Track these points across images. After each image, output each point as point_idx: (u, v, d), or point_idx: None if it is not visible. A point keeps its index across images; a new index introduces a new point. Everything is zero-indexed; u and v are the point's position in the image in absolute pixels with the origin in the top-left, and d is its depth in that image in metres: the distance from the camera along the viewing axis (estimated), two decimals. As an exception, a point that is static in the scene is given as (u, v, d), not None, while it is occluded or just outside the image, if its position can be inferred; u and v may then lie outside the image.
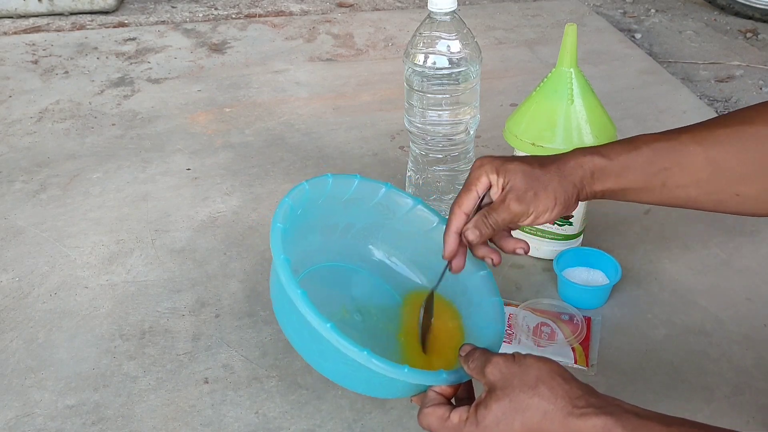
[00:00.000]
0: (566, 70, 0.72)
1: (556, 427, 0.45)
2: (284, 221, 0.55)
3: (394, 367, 0.49)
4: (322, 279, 0.62)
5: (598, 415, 0.43)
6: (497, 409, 0.46)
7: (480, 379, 0.49)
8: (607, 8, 1.64)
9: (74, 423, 0.62)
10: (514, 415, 0.46)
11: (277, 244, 0.52)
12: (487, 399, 0.47)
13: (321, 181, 0.60)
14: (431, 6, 0.72)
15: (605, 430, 0.43)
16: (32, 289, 0.77)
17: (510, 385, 0.46)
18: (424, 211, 0.64)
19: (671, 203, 0.57)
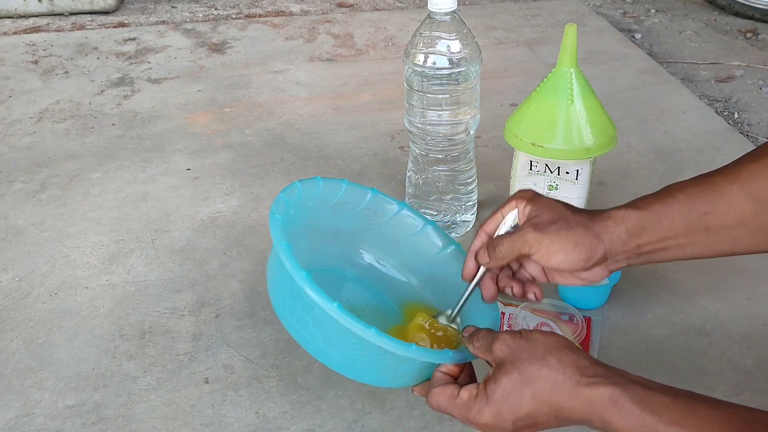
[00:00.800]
0: (566, 70, 0.72)
1: (565, 396, 0.45)
2: (282, 214, 0.55)
3: (402, 345, 0.49)
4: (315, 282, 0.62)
5: (606, 385, 0.44)
6: (507, 382, 0.46)
7: (486, 356, 0.50)
8: (607, 8, 1.64)
9: (74, 423, 0.62)
10: (524, 387, 0.46)
11: (277, 232, 0.52)
12: (496, 374, 0.47)
13: (312, 183, 0.60)
14: (431, 6, 0.72)
15: (612, 399, 0.43)
16: (32, 289, 0.78)
17: (519, 359, 0.47)
18: (409, 215, 0.65)
19: (717, 251, 0.53)
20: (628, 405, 0.43)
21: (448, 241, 0.65)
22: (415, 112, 0.78)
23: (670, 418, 0.42)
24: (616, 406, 0.43)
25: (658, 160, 0.98)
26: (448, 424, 0.61)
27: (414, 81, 0.76)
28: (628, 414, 0.43)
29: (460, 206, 0.83)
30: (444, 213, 0.83)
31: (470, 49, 0.75)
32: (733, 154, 0.99)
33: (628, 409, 0.43)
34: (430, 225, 0.65)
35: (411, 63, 0.76)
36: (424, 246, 0.65)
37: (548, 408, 0.46)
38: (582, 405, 0.44)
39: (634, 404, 0.42)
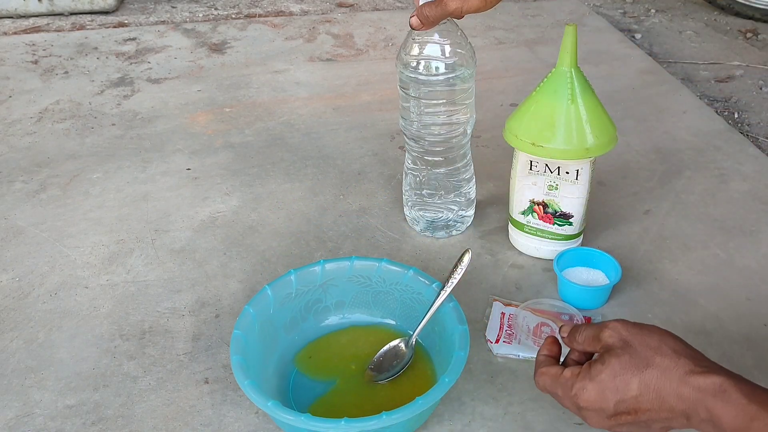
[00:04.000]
0: (566, 70, 0.71)
1: (675, 384, 0.45)
2: (242, 350, 0.59)
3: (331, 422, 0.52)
4: (321, 349, 0.67)
5: (719, 374, 0.44)
6: (616, 364, 0.46)
7: (594, 347, 0.50)
8: (607, 8, 1.64)
9: (74, 423, 0.62)
10: (633, 370, 0.46)
11: (239, 372, 0.56)
12: (604, 356, 0.47)
13: (285, 281, 0.66)
14: None
15: (722, 387, 0.43)
16: (32, 289, 0.77)
17: (631, 345, 0.47)
18: (391, 266, 0.67)
19: None
20: (735, 394, 0.43)
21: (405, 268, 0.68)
22: (410, 116, 0.77)
23: None
24: (724, 394, 0.43)
25: (658, 160, 0.98)
26: (447, 423, 0.61)
27: (409, 86, 0.74)
28: (735, 403, 0.42)
29: (461, 203, 0.83)
30: (445, 211, 0.83)
31: (465, 50, 0.73)
32: (733, 154, 0.99)
33: (735, 398, 0.42)
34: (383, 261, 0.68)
35: (404, 68, 0.74)
36: (413, 289, 0.68)
37: (654, 394, 0.45)
38: (690, 392, 0.44)
39: (742, 394, 0.42)
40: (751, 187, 0.92)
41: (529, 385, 0.65)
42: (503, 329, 0.69)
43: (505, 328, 0.69)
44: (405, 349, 0.65)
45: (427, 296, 0.64)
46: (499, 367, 0.66)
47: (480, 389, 0.64)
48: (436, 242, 0.83)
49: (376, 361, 0.64)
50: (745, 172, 0.95)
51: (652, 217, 0.87)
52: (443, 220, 0.83)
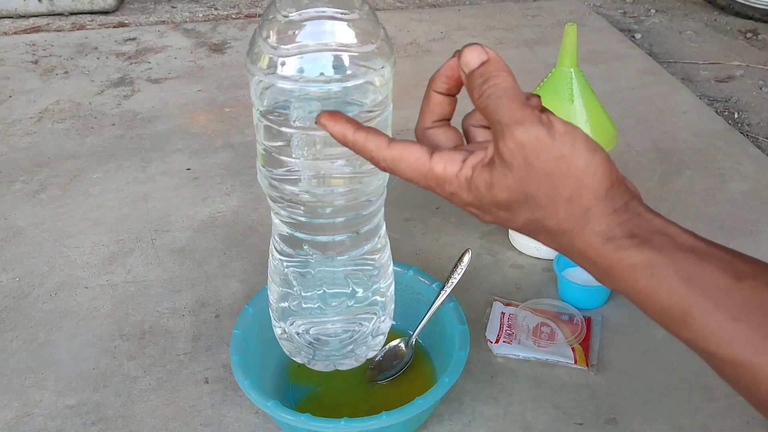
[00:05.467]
0: (566, 70, 0.72)
1: (585, 250, 0.34)
2: (242, 350, 0.58)
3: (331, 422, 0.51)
4: None
5: (642, 250, 0.33)
6: (513, 204, 0.35)
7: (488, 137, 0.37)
8: (607, 8, 1.64)
9: (74, 423, 0.62)
10: (532, 220, 0.35)
11: (238, 373, 0.56)
12: (497, 174, 0.34)
13: None
14: None
15: (649, 268, 0.33)
16: (32, 289, 0.77)
17: (532, 181, 0.34)
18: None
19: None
20: (668, 273, 0.33)
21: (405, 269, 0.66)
22: (285, 163, 0.43)
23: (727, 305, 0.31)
24: (652, 276, 0.33)
25: (658, 160, 0.98)
26: (447, 423, 0.61)
27: (265, 105, 0.42)
28: (668, 286, 0.33)
29: (375, 313, 0.52)
30: (349, 332, 0.52)
31: (376, 37, 0.41)
32: (733, 154, 0.99)
33: (668, 280, 0.33)
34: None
35: (263, 71, 0.40)
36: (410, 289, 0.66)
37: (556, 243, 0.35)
38: (603, 262, 0.34)
39: (677, 275, 0.32)
40: (751, 187, 0.92)
41: (529, 385, 0.65)
42: (503, 329, 0.69)
43: (505, 328, 0.69)
44: (405, 349, 0.65)
45: (427, 296, 0.64)
46: (499, 367, 0.66)
47: (480, 389, 0.64)
48: (436, 242, 0.83)
49: (376, 361, 0.64)
50: (745, 172, 0.95)
51: (652, 217, 0.87)
52: (346, 341, 0.52)
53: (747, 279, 0.32)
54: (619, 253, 0.34)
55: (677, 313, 0.33)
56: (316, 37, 0.39)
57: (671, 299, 0.33)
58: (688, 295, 0.32)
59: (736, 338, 0.31)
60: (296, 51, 0.39)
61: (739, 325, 0.31)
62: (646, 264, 0.33)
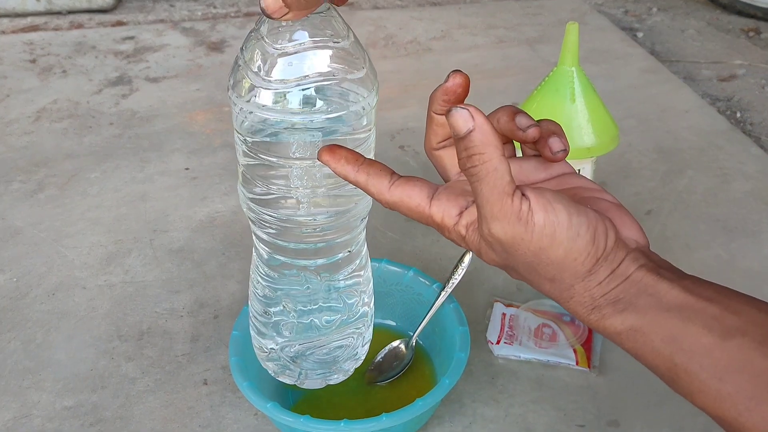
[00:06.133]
0: (568, 69, 0.71)
1: (570, 312, 0.36)
2: (241, 351, 0.58)
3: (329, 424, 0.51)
4: None
5: (625, 317, 0.34)
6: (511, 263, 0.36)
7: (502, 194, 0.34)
8: (608, 7, 1.64)
9: (72, 424, 0.61)
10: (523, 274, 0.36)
11: (237, 374, 0.55)
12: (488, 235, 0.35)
13: None
14: None
15: (633, 333, 0.34)
16: (30, 290, 0.77)
17: (512, 258, 0.35)
18: (391, 266, 0.66)
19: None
20: (653, 338, 0.33)
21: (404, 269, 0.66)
22: (262, 190, 0.44)
23: None
24: (636, 341, 0.34)
25: (660, 160, 0.98)
26: (448, 425, 0.61)
27: (249, 134, 0.42)
28: (651, 349, 0.33)
29: (364, 324, 0.53)
30: (342, 347, 0.52)
31: (359, 64, 0.41)
32: (736, 153, 0.99)
33: (652, 344, 0.33)
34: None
35: (248, 101, 0.40)
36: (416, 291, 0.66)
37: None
38: (591, 327, 0.36)
39: (660, 339, 0.33)
40: (753, 187, 0.92)
41: (530, 387, 0.64)
42: (504, 330, 0.69)
43: (506, 329, 0.69)
44: (405, 350, 0.64)
45: (428, 297, 0.64)
46: (500, 368, 0.66)
47: (481, 391, 0.64)
48: (437, 243, 0.83)
49: (376, 363, 0.64)
50: (747, 172, 0.95)
51: (654, 217, 0.86)
52: (340, 357, 0.53)
53: (734, 336, 0.32)
54: (603, 321, 0.35)
55: (665, 372, 0.34)
56: (300, 66, 0.39)
57: (656, 360, 0.34)
58: (672, 357, 0.33)
59: (720, 398, 0.32)
60: (279, 80, 0.39)
61: (723, 386, 0.31)
62: (630, 330, 0.34)
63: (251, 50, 0.40)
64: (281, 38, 0.39)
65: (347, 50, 0.40)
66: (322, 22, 0.39)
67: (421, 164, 0.97)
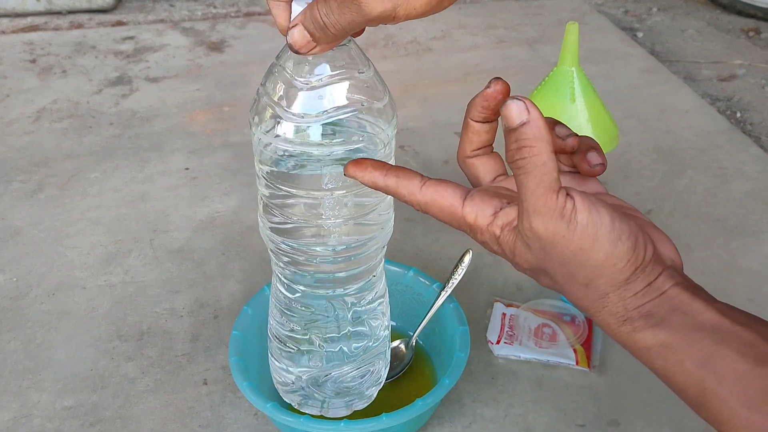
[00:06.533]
0: (568, 69, 0.71)
1: (597, 323, 0.35)
2: (241, 351, 0.58)
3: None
4: None
5: (656, 332, 0.33)
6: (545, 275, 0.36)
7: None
8: (608, 7, 1.64)
9: (72, 424, 0.61)
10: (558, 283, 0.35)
11: (237, 374, 0.55)
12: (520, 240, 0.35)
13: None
14: (292, 16, 0.38)
15: (663, 350, 0.33)
16: (30, 290, 0.77)
17: (549, 263, 0.35)
18: (391, 266, 0.65)
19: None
20: (683, 354, 0.33)
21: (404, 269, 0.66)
22: (285, 218, 0.43)
23: None
24: (666, 359, 0.33)
25: (660, 160, 0.98)
26: (448, 425, 0.60)
27: (273, 166, 0.42)
28: (682, 366, 0.33)
29: (377, 364, 0.53)
30: (365, 374, 0.52)
31: (378, 99, 0.41)
32: (736, 153, 0.99)
33: (683, 360, 0.33)
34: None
35: (269, 132, 0.41)
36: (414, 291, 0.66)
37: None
38: (619, 341, 0.35)
39: (691, 358, 0.32)
40: (753, 187, 0.92)
41: (530, 387, 0.64)
42: (504, 330, 0.69)
43: (507, 329, 0.69)
44: (405, 350, 0.64)
45: (428, 297, 0.64)
46: (500, 368, 0.66)
47: (481, 391, 0.64)
48: (437, 242, 0.83)
49: None
50: (747, 172, 0.95)
51: (654, 217, 0.86)
52: (357, 383, 0.52)
53: (767, 364, 0.31)
54: (634, 335, 0.34)
55: (693, 396, 0.33)
56: (321, 99, 0.39)
57: (686, 382, 0.33)
58: (702, 380, 0.32)
59: (750, 426, 0.31)
60: (300, 113, 0.39)
61: (753, 414, 0.31)
62: (660, 346, 0.33)
63: (273, 82, 0.40)
64: (303, 71, 0.39)
65: (367, 82, 0.40)
66: (342, 55, 0.39)
67: (421, 164, 0.97)
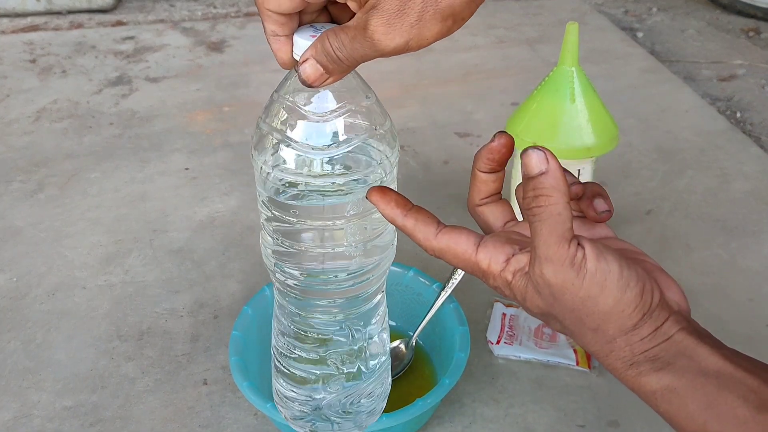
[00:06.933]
0: (568, 69, 0.71)
1: (611, 367, 0.36)
2: (241, 351, 0.58)
3: None
4: None
5: (661, 376, 0.34)
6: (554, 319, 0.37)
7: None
8: (608, 7, 1.64)
9: (72, 424, 0.61)
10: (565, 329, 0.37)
11: (237, 374, 0.55)
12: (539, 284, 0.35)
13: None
14: (297, 50, 0.38)
15: (668, 394, 0.34)
16: (30, 290, 0.77)
17: (555, 310, 0.36)
18: (391, 266, 0.65)
19: None
20: (687, 397, 0.34)
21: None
22: (289, 251, 0.43)
23: None
24: (670, 402, 0.34)
25: (660, 160, 0.98)
26: (448, 425, 0.61)
27: (273, 195, 0.41)
28: (685, 410, 0.34)
29: (379, 386, 0.51)
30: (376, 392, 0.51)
31: (378, 125, 0.41)
32: (736, 153, 0.99)
33: (687, 403, 0.34)
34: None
35: (270, 161, 0.40)
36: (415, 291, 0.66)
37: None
38: (626, 384, 0.36)
39: (695, 401, 0.33)
40: (753, 187, 0.92)
41: (530, 387, 0.64)
42: (504, 330, 0.69)
43: (506, 329, 0.69)
44: (405, 350, 0.64)
45: (428, 297, 0.63)
46: (500, 368, 0.66)
47: (481, 391, 0.64)
48: (437, 242, 0.83)
49: None
50: (747, 172, 0.95)
51: (654, 217, 0.86)
52: (355, 407, 0.50)
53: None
54: (639, 378, 0.35)
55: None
56: (324, 128, 0.39)
57: (689, 426, 0.34)
58: (705, 424, 0.33)
59: None
60: (303, 143, 0.39)
61: None
62: (665, 390, 0.34)
63: (275, 111, 0.40)
64: (305, 100, 0.39)
65: (370, 109, 0.40)
66: (344, 83, 0.39)
67: (421, 164, 0.97)
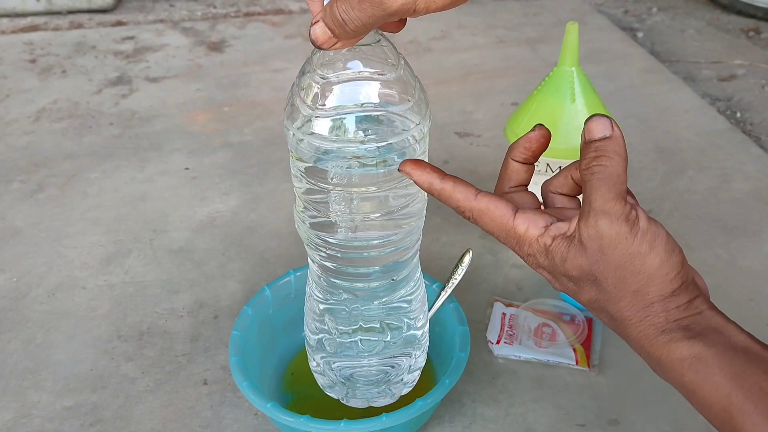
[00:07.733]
0: (568, 69, 0.71)
1: (634, 336, 0.37)
2: (241, 351, 0.58)
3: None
4: None
5: (692, 344, 0.34)
6: (584, 291, 0.37)
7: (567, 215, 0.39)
8: (608, 7, 1.64)
9: (72, 424, 0.61)
10: (594, 305, 0.37)
11: (237, 374, 0.55)
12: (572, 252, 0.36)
13: (284, 282, 0.64)
14: None
15: (696, 362, 0.34)
16: (30, 290, 0.77)
17: (600, 272, 0.36)
18: None
19: None
20: (714, 368, 0.34)
21: None
22: (332, 214, 0.44)
23: None
24: (698, 371, 0.34)
25: (660, 160, 0.98)
26: (448, 425, 0.60)
27: (310, 162, 0.42)
28: (711, 380, 0.34)
29: (410, 353, 0.53)
30: (385, 372, 0.53)
31: (410, 90, 0.41)
32: (736, 153, 0.99)
33: (713, 373, 0.34)
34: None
35: (302, 130, 0.41)
36: None
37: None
38: (655, 352, 0.36)
39: (721, 370, 0.34)
40: (753, 187, 0.92)
41: (530, 387, 0.64)
42: (504, 330, 0.69)
43: (506, 329, 0.69)
44: None
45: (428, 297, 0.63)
46: (500, 368, 0.66)
47: (481, 391, 0.64)
48: (437, 242, 0.83)
49: None
50: (747, 172, 0.95)
51: (654, 216, 0.86)
52: (382, 380, 0.53)
53: None
54: (670, 345, 0.35)
55: (719, 411, 0.34)
56: (353, 97, 0.40)
57: (714, 396, 0.34)
58: (730, 394, 0.33)
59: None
60: (333, 111, 0.40)
61: None
62: (694, 358, 0.35)
63: (306, 80, 0.41)
64: (335, 68, 0.40)
65: (399, 78, 0.41)
66: (373, 52, 0.40)
67: (421, 164, 0.97)
